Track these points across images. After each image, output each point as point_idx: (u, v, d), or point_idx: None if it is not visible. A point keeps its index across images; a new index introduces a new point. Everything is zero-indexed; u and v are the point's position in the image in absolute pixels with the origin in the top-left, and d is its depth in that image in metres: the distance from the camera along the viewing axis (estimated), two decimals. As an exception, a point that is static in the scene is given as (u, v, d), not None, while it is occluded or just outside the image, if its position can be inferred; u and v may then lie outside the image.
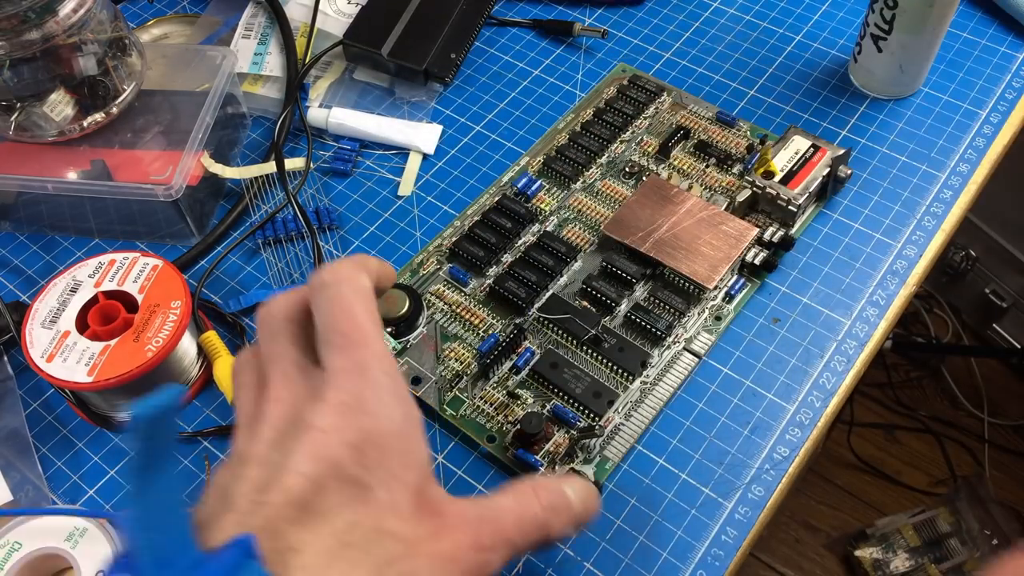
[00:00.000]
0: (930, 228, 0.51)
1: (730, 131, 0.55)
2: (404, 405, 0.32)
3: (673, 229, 0.49)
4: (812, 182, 0.50)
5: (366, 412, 0.30)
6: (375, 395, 0.31)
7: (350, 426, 0.30)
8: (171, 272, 0.46)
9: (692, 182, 0.52)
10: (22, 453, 0.45)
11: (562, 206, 0.52)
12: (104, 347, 0.43)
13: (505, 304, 0.48)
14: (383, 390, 0.31)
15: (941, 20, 0.52)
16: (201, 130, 0.51)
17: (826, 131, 0.56)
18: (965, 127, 0.55)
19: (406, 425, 0.31)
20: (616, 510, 0.42)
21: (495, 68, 0.61)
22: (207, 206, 0.54)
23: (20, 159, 0.51)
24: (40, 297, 0.45)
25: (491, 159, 0.56)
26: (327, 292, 0.32)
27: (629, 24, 0.63)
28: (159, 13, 0.66)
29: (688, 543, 0.41)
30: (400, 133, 0.57)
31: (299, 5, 0.63)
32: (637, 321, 0.47)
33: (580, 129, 0.55)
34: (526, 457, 0.42)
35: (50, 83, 0.49)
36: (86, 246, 0.54)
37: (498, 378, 0.46)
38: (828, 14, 0.63)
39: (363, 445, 0.29)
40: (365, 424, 0.30)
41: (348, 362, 0.31)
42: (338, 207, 0.54)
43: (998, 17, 0.61)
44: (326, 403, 0.30)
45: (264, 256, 0.52)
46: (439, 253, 0.51)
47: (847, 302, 0.48)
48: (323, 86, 0.60)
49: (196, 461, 0.45)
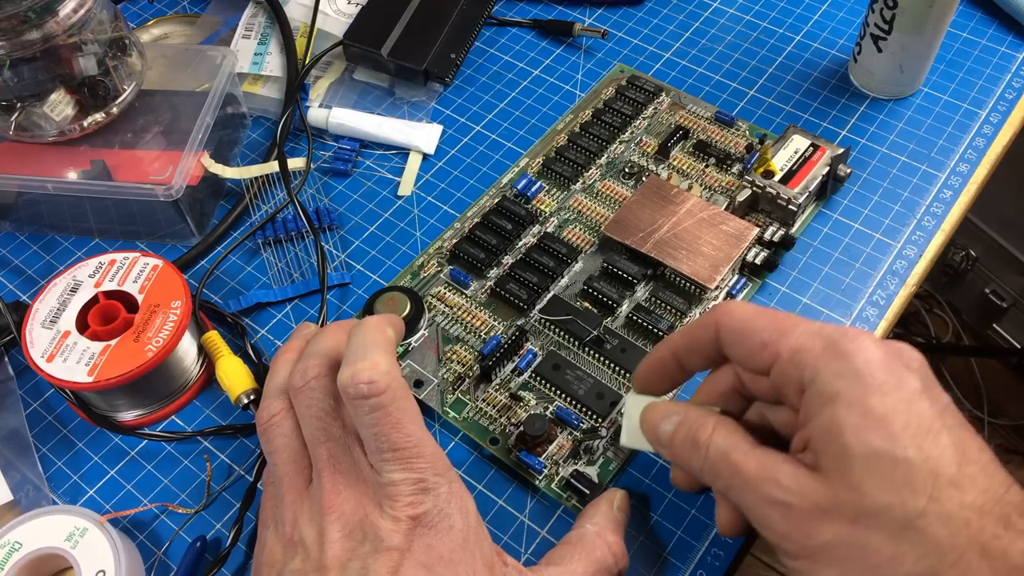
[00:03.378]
0: (930, 228, 0.51)
1: (729, 131, 0.55)
2: (462, 505, 0.34)
3: (674, 229, 0.49)
4: (812, 181, 0.50)
5: (432, 527, 0.33)
6: (436, 508, 0.33)
7: (421, 546, 0.33)
8: (171, 272, 0.45)
9: (692, 182, 0.52)
10: (22, 453, 0.45)
11: (562, 207, 0.52)
12: (104, 347, 0.43)
13: (506, 306, 0.48)
14: (442, 500, 0.34)
15: (941, 20, 0.52)
16: (201, 130, 0.51)
17: (826, 131, 0.56)
18: (965, 127, 0.55)
19: (467, 528, 0.34)
20: (617, 510, 0.42)
21: (495, 68, 0.61)
22: (207, 206, 0.54)
23: (20, 159, 0.51)
24: (40, 297, 0.45)
25: (491, 159, 0.56)
26: (369, 406, 0.33)
27: (629, 24, 0.63)
28: (159, 13, 0.66)
29: (688, 543, 0.41)
30: (400, 133, 0.57)
31: (299, 5, 0.63)
32: (639, 322, 0.46)
33: (579, 130, 0.55)
34: (529, 459, 0.42)
35: (50, 83, 0.49)
36: (86, 246, 0.54)
37: (500, 380, 0.46)
38: (828, 14, 0.63)
39: (435, 564, 0.32)
40: (433, 542, 0.33)
41: (407, 475, 0.33)
42: (338, 207, 0.54)
43: (998, 17, 0.61)
44: (396, 521, 0.33)
45: (264, 256, 0.52)
46: (439, 255, 0.51)
47: (847, 302, 0.48)
48: (323, 86, 0.60)
49: (196, 461, 0.45)
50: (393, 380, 0.34)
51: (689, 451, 0.34)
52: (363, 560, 0.32)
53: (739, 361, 0.34)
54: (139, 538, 0.42)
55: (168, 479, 0.44)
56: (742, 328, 0.34)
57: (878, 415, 0.29)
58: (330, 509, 0.33)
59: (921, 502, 0.28)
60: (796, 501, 0.30)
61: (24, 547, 0.39)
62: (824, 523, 0.29)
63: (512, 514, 0.42)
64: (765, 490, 0.31)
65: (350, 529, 0.33)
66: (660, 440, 0.36)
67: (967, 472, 0.28)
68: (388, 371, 0.34)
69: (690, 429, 0.35)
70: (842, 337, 0.31)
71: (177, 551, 0.42)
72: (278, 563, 0.34)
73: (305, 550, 0.33)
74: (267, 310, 0.50)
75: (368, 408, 0.33)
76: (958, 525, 0.28)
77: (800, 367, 0.31)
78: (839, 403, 0.30)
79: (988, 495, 0.28)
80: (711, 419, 0.34)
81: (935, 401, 0.30)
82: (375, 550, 0.32)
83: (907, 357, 0.32)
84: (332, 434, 0.35)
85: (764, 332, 0.33)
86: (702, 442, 0.34)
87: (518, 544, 0.41)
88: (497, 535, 0.41)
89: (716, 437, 0.33)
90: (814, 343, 0.31)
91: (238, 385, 0.44)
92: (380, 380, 0.33)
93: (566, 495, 0.42)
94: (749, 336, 0.33)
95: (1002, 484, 0.29)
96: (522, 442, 0.43)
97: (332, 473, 0.34)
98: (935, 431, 0.29)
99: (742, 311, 0.34)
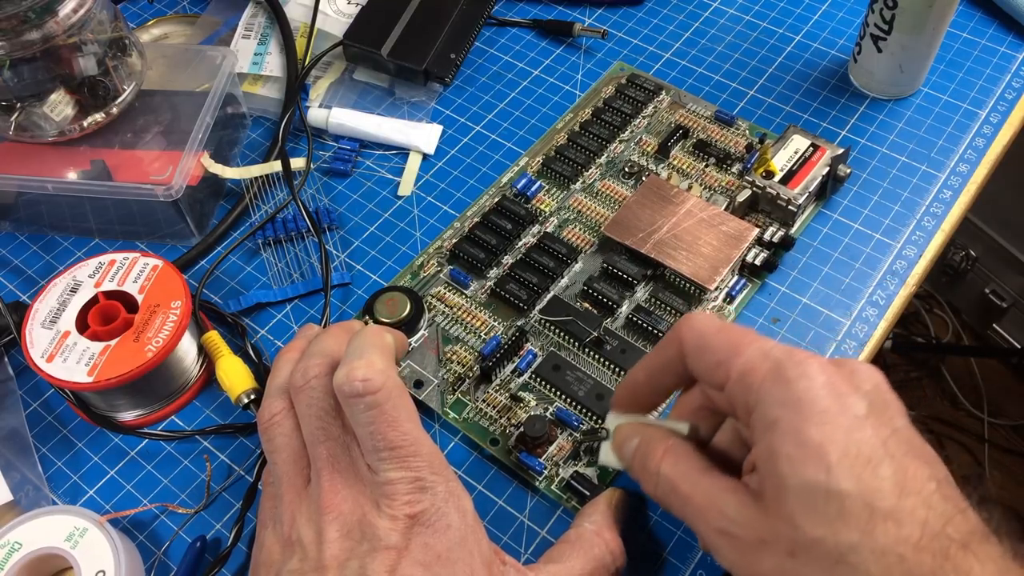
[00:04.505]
0: (930, 228, 0.51)
1: (729, 130, 0.55)
2: (459, 504, 0.34)
3: (673, 230, 0.49)
4: (812, 181, 0.50)
5: (430, 526, 0.33)
6: (434, 506, 0.33)
7: (418, 544, 0.32)
8: (171, 272, 0.45)
9: (692, 182, 0.52)
10: (22, 453, 0.45)
11: (562, 207, 0.52)
12: (104, 347, 0.43)
13: (506, 306, 0.48)
14: (439, 498, 0.33)
15: (941, 20, 0.52)
16: (201, 130, 0.51)
17: (826, 131, 0.56)
18: (965, 127, 0.55)
19: (464, 527, 0.34)
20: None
21: (495, 68, 0.61)
22: (207, 206, 0.54)
23: (20, 159, 0.51)
24: (40, 297, 0.45)
25: (491, 159, 0.56)
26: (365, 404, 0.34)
27: (629, 24, 0.63)
28: (159, 13, 0.66)
29: (688, 543, 0.41)
30: (400, 133, 0.57)
31: (299, 5, 0.63)
32: (639, 322, 0.46)
33: (579, 129, 0.55)
34: (529, 460, 0.42)
35: (50, 83, 0.49)
36: (86, 246, 0.54)
37: (500, 381, 0.46)
38: (828, 14, 0.63)
39: (432, 563, 0.32)
40: (431, 541, 0.33)
41: (404, 473, 0.33)
42: (338, 207, 0.54)
43: (998, 17, 0.61)
44: (394, 520, 0.33)
45: (264, 256, 0.52)
46: (439, 255, 0.51)
47: (847, 302, 0.48)
48: (323, 86, 0.60)
49: (196, 461, 0.45)
50: (389, 379, 0.34)
51: (644, 476, 0.34)
52: (361, 559, 0.32)
53: (699, 377, 0.34)
54: (139, 538, 0.42)
55: (168, 479, 0.44)
56: (701, 344, 0.33)
57: (814, 445, 0.28)
58: (328, 509, 0.33)
59: (854, 536, 0.27)
60: (739, 532, 0.30)
61: (24, 547, 0.39)
62: (765, 554, 0.29)
63: (512, 514, 0.42)
64: (710, 520, 0.31)
65: (348, 529, 0.33)
66: (625, 461, 0.36)
67: (906, 505, 0.27)
68: (383, 370, 0.34)
69: (643, 455, 0.34)
70: (787, 360, 0.30)
71: (177, 551, 0.42)
72: (276, 563, 0.34)
73: (303, 550, 0.33)
74: (267, 310, 0.50)
75: (364, 406, 0.33)
76: (891, 561, 0.27)
77: (746, 390, 0.31)
78: (777, 431, 0.29)
79: (926, 529, 0.27)
80: (661, 446, 0.34)
81: (881, 427, 0.29)
82: (373, 549, 0.32)
83: (860, 379, 0.30)
84: (331, 433, 0.35)
85: (719, 350, 0.32)
86: (651, 470, 0.34)
87: (518, 544, 0.41)
88: (497, 535, 0.41)
89: (664, 466, 0.33)
90: (761, 365, 0.31)
91: (238, 385, 0.44)
92: (375, 378, 0.33)
93: (566, 496, 0.42)
94: (706, 353, 0.33)
95: (942, 516, 0.27)
96: (522, 443, 0.43)
97: (331, 473, 0.34)
98: (875, 461, 0.28)
99: (702, 325, 0.33)
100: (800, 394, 0.29)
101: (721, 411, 0.35)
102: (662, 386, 0.37)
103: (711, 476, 0.32)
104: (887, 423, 0.29)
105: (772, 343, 0.32)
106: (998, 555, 0.27)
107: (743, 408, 0.31)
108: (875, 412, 0.29)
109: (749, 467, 0.31)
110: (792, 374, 0.30)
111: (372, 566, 0.32)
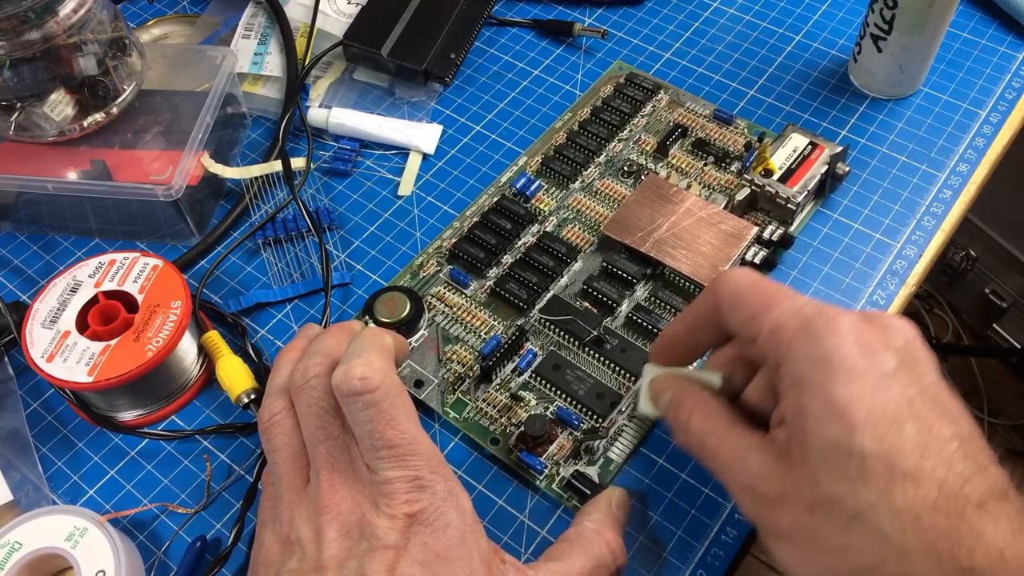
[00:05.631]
0: (930, 228, 0.51)
1: (727, 129, 0.55)
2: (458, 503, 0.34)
3: (673, 228, 0.49)
4: (811, 179, 0.50)
5: (428, 525, 0.33)
6: (433, 505, 0.33)
7: (417, 543, 0.32)
8: (171, 272, 0.46)
9: (691, 181, 0.52)
10: (22, 453, 0.45)
11: (561, 206, 0.52)
12: (104, 347, 0.43)
13: (506, 306, 0.48)
14: (438, 497, 0.33)
15: (941, 20, 0.52)
16: (201, 130, 0.51)
17: (826, 131, 0.56)
18: (965, 127, 0.55)
19: (463, 526, 0.34)
20: (616, 510, 0.42)
21: (495, 68, 0.61)
22: (207, 206, 0.54)
23: (20, 159, 0.51)
24: (40, 297, 0.45)
25: (491, 159, 0.56)
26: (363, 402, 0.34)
27: (629, 24, 0.63)
28: (159, 13, 0.66)
29: (688, 543, 0.41)
30: (400, 133, 0.57)
31: (299, 5, 0.63)
32: (639, 321, 0.46)
33: (578, 128, 0.55)
34: (530, 460, 0.42)
35: (50, 83, 0.49)
36: (86, 246, 0.54)
37: (500, 380, 0.46)
38: (828, 14, 0.63)
39: (431, 563, 0.32)
40: (430, 540, 0.33)
41: (402, 472, 0.33)
42: (338, 207, 0.54)
43: (998, 17, 0.61)
44: (392, 519, 0.33)
45: (264, 256, 0.52)
46: (439, 255, 0.51)
47: (846, 302, 0.48)
48: (323, 86, 0.60)
49: (196, 461, 0.45)
50: (387, 378, 0.34)
51: (676, 428, 0.36)
52: (360, 559, 0.32)
53: (734, 330, 0.35)
54: (139, 538, 0.42)
55: (168, 479, 0.44)
56: (735, 298, 0.34)
57: (840, 404, 0.29)
58: (327, 508, 0.33)
59: (872, 496, 0.28)
60: (762, 487, 0.31)
61: (24, 547, 0.39)
62: (785, 509, 0.30)
63: (512, 514, 0.42)
64: (736, 475, 0.32)
65: (347, 528, 0.33)
66: (661, 412, 0.37)
67: (926, 465, 0.28)
68: (382, 369, 0.34)
69: (675, 408, 0.35)
70: (818, 317, 0.31)
71: (177, 551, 0.42)
72: (275, 563, 0.34)
73: (302, 549, 0.33)
74: (267, 310, 0.50)
75: (362, 405, 0.33)
76: (906, 521, 0.27)
77: (777, 345, 0.31)
78: (804, 389, 0.30)
79: (944, 489, 0.27)
80: (690, 401, 0.35)
81: (909, 385, 0.29)
82: (372, 549, 0.32)
83: (891, 334, 0.30)
84: (331, 433, 0.35)
85: (753, 305, 0.33)
86: (681, 423, 0.35)
87: (518, 544, 0.41)
88: (497, 535, 0.41)
89: (693, 421, 0.34)
90: (791, 322, 0.31)
91: (238, 385, 0.44)
92: (373, 377, 0.33)
93: (567, 495, 0.42)
94: (740, 307, 0.33)
95: (961, 476, 0.28)
96: (523, 442, 0.43)
97: (330, 472, 0.34)
98: (900, 420, 0.28)
99: (738, 279, 0.34)
100: (829, 352, 0.30)
101: (755, 362, 0.35)
102: (698, 340, 0.37)
103: (737, 432, 0.33)
104: (916, 380, 0.29)
105: (805, 299, 0.32)
106: (1014, 512, 0.28)
107: (774, 363, 0.32)
108: (904, 368, 0.30)
109: (778, 420, 0.31)
110: (822, 331, 0.30)
111: (371, 565, 0.32)
